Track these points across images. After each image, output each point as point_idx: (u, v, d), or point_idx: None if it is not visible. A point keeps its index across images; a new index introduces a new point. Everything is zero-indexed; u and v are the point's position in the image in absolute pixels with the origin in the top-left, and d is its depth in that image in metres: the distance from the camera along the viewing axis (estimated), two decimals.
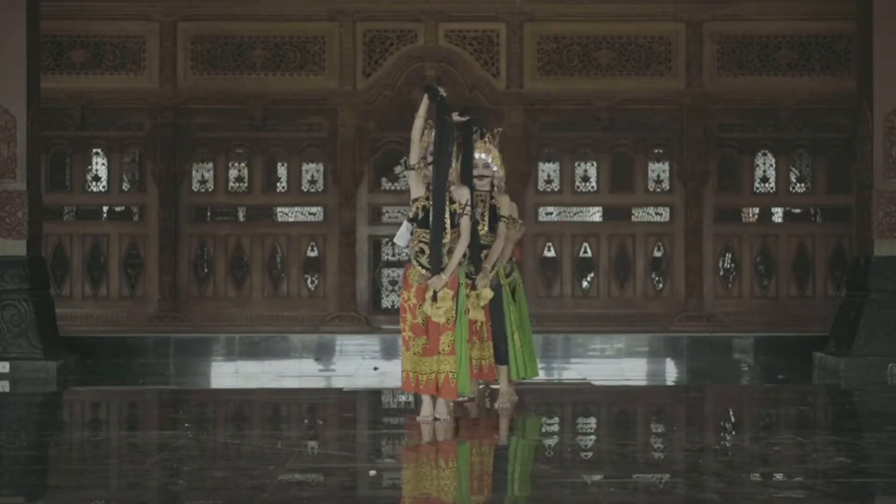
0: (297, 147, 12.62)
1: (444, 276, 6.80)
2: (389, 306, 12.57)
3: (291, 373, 10.59)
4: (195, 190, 12.68)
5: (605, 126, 12.50)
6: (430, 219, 6.79)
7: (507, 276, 7.70)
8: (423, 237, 6.87)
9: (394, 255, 13.06)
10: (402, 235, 7.02)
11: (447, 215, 6.81)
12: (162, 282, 12.33)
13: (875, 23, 10.12)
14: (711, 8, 12.37)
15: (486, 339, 7.62)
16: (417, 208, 6.88)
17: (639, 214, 13.19)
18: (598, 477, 5.42)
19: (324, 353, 11.61)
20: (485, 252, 7.41)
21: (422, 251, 6.89)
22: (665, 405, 8.36)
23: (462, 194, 6.91)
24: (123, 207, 13.04)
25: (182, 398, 8.82)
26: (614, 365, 11.18)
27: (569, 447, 6.43)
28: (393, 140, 12.69)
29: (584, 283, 12.66)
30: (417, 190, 6.94)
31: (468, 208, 6.95)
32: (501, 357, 7.61)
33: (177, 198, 12.41)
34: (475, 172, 7.44)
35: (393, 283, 13.00)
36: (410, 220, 6.93)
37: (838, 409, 8.33)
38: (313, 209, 13.17)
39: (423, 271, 6.87)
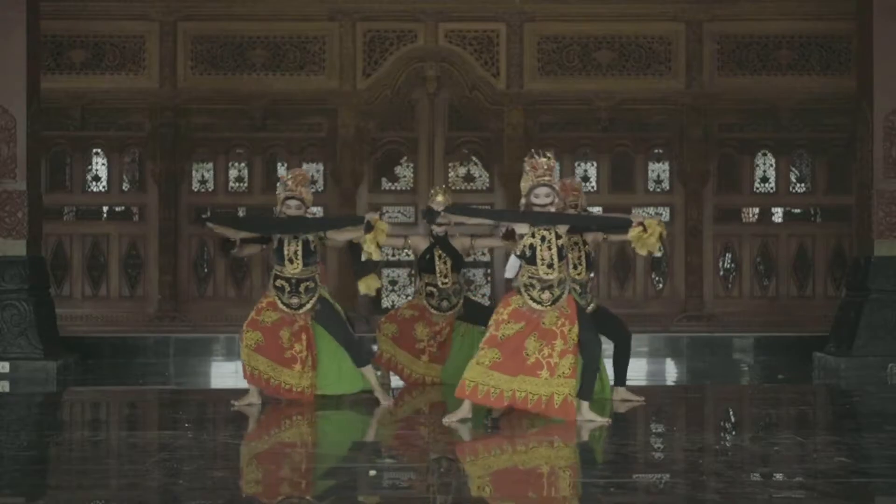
0: (297, 147, 12.62)
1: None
2: (389, 306, 12.56)
3: None
4: (195, 190, 12.69)
5: (605, 126, 12.50)
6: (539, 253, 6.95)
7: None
8: (533, 273, 6.96)
9: (393, 256, 13.05)
10: (512, 268, 7.14)
11: (556, 251, 6.97)
12: (162, 282, 12.33)
13: (875, 23, 10.12)
14: (711, 8, 12.37)
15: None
16: (525, 246, 6.96)
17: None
18: (598, 477, 5.42)
19: None
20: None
21: (532, 285, 6.97)
22: (665, 405, 8.36)
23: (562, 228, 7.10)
24: (123, 207, 13.05)
25: (182, 398, 8.81)
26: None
27: (568, 447, 6.42)
28: (393, 140, 12.71)
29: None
30: (521, 226, 7.06)
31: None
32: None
33: (177, 198, 12.41)
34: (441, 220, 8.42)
35: (393, 283, 13.00)
36: (518, 257, 7.04)
37: (838, 409, 8.33)
38: (313, 209, 13.12)
39: (534, 304, 6.95)
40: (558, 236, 6.96)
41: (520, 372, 6.86)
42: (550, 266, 6.92)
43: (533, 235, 6.94)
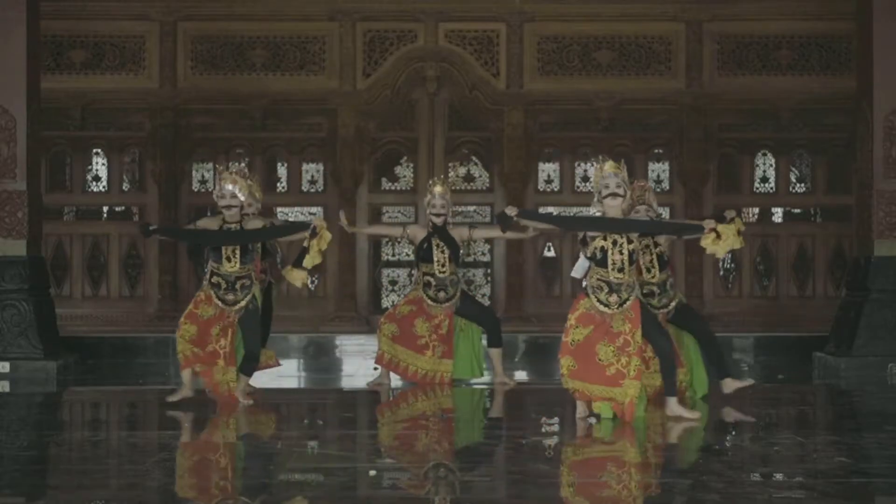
0: (297, 147, 12.62)
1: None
2: (389, 306, 12.55)
3: (291, 373, 10.59)
4: (195, 190, 12.68)
5: (606, 126, 12.50)
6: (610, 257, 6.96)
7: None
8: (602, 275, 6.97)
9: (394, 255, 13.06)
10: (580, 269, 7.16)
11: (627, 255, 6.97)
12: (162, 282, 12.32)
13: (875, 23, 10.11)
14: (711, 8, 12.37)
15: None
16: (595, 248, 6.97)
17: None
18: (599, 477, 5.42)
19: (324, 353, 11.60)
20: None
21: (600, 288, 6.98)
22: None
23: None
24: (123, 207, 13.04)
25: (182, 398, 8.79)
26: None
27: (569, 447, 6.42)
28: (393, 140, 12.70)
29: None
30: None
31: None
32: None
33: (177, 198, 12.41)
34: (434, 211, 8.80)
35: (393, 283, 13.00)
36: (588, 259, 7.05)
37: (838, 409, 8.33)
38: (313, 209, 13.16)
39: (602, 307, 6.97)
40: (630, 240, 6.98)
41: (598, 381, 6.93)
42: (621, 270, 6.95)
43: (605, 238, 6.96)
